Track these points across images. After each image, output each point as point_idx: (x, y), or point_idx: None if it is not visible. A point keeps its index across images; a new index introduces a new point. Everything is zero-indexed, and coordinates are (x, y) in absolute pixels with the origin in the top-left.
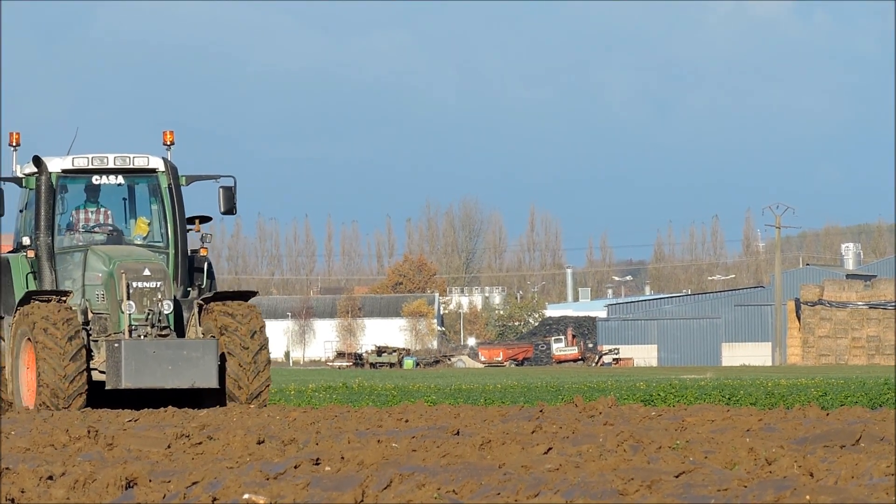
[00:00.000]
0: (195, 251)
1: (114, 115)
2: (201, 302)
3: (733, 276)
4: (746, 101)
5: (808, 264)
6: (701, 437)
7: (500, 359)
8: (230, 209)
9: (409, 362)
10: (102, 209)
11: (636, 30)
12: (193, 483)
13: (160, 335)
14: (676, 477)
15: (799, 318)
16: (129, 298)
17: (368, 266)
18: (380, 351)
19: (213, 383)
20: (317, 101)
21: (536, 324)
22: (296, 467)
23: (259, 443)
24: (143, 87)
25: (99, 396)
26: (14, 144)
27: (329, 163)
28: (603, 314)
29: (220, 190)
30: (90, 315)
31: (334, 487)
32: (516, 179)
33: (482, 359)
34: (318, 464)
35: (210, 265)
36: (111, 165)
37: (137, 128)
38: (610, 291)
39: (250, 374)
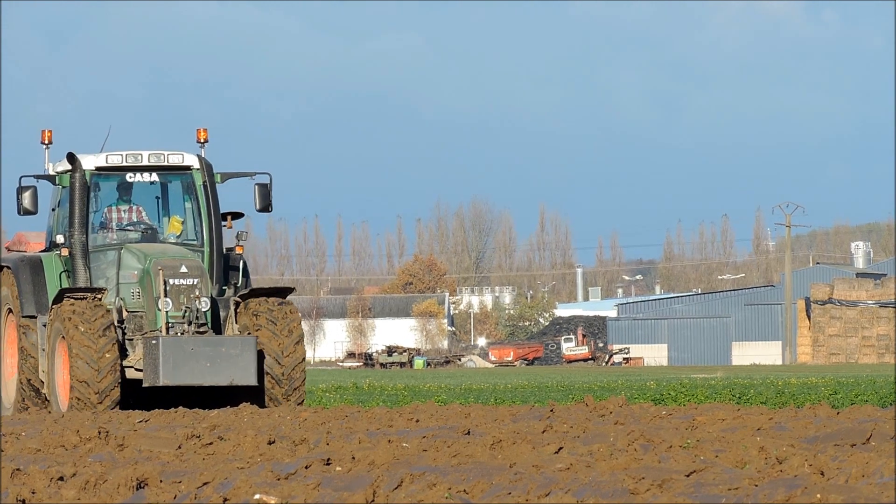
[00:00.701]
0: (230, 249)
1: (123, 117)
2: (238, 299)
3: (743, 275)
4: (756, 100)
5: (818, 263)
6: (711, 436)
7: (510, 358)
8: (266, 206)
9: (419, 362)
10: (136, 207)
11: (645, 29)
12: (204, 483)
13: (198, 332)
14: (687, 476)
15: (809, 317)
16: (166, 295)
17: (379, 266)
18: (390, 351)
19: (251, 381)
20: (327, 102)
21: (547, 323)
22: (307, 467)
23: (270, 443)
24: (151, 88)
25: (132, 395)
26: (46, 142)
27: (339, 163)
28: (613, 313)
29: (256, 187)
30: (125, 313)
31: (345, 487)
32: (526, 179)
33: (492, 358)
34: (328, 464)
35: (245, 263)
36: (145, 163)
37: (145, 127)
38: (620, 291)
39: (288, 372)
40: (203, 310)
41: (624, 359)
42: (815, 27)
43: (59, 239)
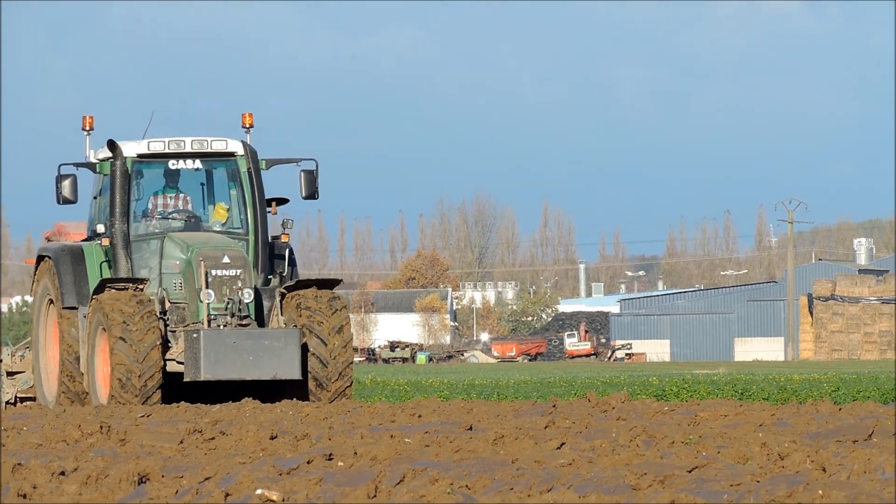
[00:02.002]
0: (276, 238)
1: (125, 108)
2: (283, 291)
3: (746, 271)
4: (759, 96)
5: (820, 259)
6: (714, 432)
7: (512, 354)
8: (312, 194)
9: (421, 357)
10: (180, 195)
11: (648, 26)
12: (206, 478)
13: (241, 325)
14: (689, 472)
15: (811, 313)
16: (207, 287)
17: (381, 261)
18: (392, 346)
19: (295, 375)
20: (329, 97)
21: (549, 319)
22: (309, 462)
23: (272, 438)
24: (155, 80)
25: (174, 389)
26: (87, 128)
27: (342, 158)
28: (616, 309)
29: (302, 174)
30: (167, 304)
31: (347, 483)
32: (529, 175)
33: (495, 354)
34: (330, 459)
35: (292, 252)
36: (188, 149)
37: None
38: (623, 287)
39: (334, 366)
40: (246, 301)
41: (626, 354)
42: (817, 24)
43: (101, 228)
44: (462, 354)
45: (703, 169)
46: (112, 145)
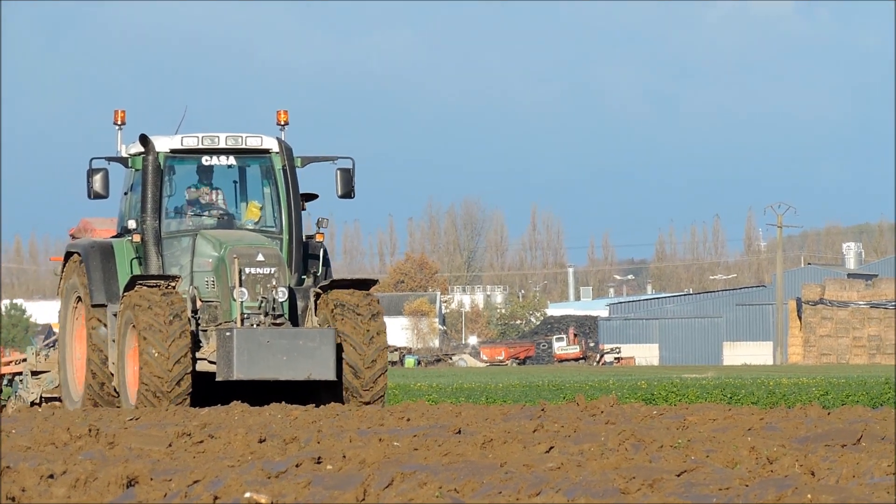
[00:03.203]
0: (310, 237)
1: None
2: (318, 290)
3: (735, 275)
4: (748, 99)
5: (809, 264)
6: (702, 436)
7: (501, 358)
8: (348, 192)
9: (410, 361)
10: (213, 191)
11: (638, 29)
12: (195, 482)
13: (274, 324)
14: (678, 476)
15: (800, 318)
16: (241, 285)
17: (370, 265)
18: None
19: (330, 376)
20: (318, 99)
21: (538, 323)
22: (297, 466)
23: (260, 441)
24: (145, 81)
25: (205, 389)
26: (119, 123)
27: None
28: (604, 313)
29: (338, 172)
30: (199, 303)
31: (336, 486)
32: (518, 178)
33: (484, 357)
34: (319, 462)
35: (326, 251)
36: (222, 145)
37: (142, 120)
38: (611, 290)
39: (368, 368)
40: (280, 300)
41: (615, 358)
42: (808, 27)
43: (131, 224)
44: (451, 358)
45: (693, 172)
46: (144, 140)
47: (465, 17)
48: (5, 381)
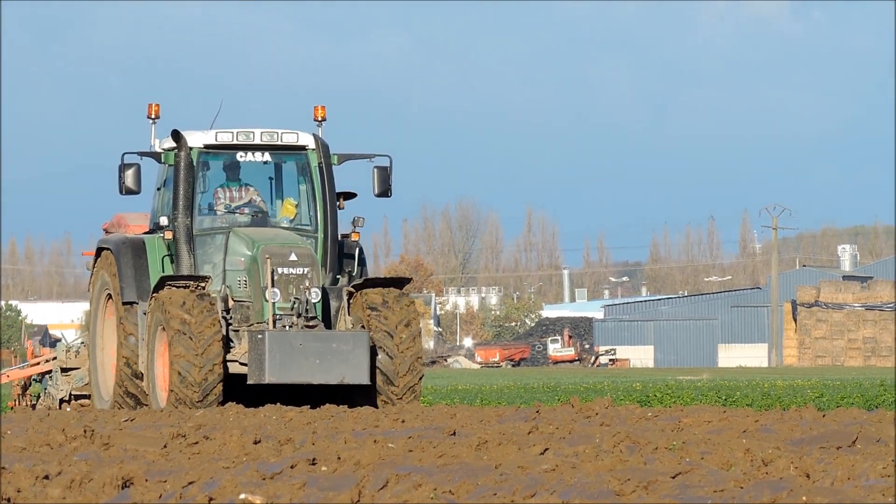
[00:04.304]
0: (346, 236)
1: (111, 113)
2: (351, 289)
3: (730, 277)
4: (743, 101)
5: (804, 266)
6: (697, 438)
7: (496, 359)
8: (385, 191)
9: None
10: (247, 188)
11: (633, 30)
12: (190, 483)
13: (307, 326)
14: (673, 478)
15: (795, 320)
16: (273, 285)
17: None
18: None
19: (364, 380)
20: (314, 100)
21: (533, 324)
22: (292, 467)
23: (255, 443)
24: (140, 85)
25: (236, 391)
26: (153, 117)
27: None
28: (599, 315)
29: (375, 170)
30: (230, 303)
31: (331, 487)
32: (513, 180)
33: (479, 359)
34: (314, 464)
35: (362, 251)
36: (257, 141)
37: (136, 124)
38: (606, 292)
39: (401, 360)
40: (313, 301)
41: (610, 360)
42: (803, 28)
43: (163, 221)
44: (445, 360)
45: (688, 174)
46: (177, 135)
47: (460, 19)
48: (35, 379)
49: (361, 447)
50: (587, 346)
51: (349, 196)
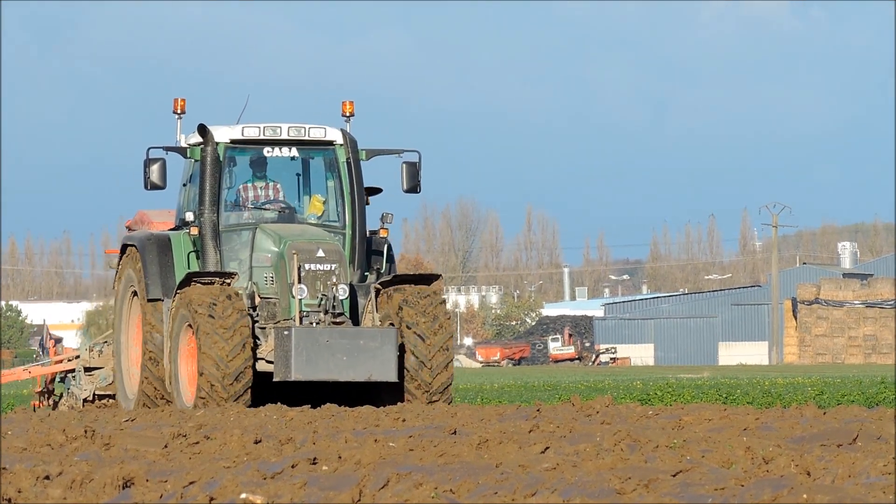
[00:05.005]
0: (374, 232)
1: (113, 113)
2: (378, 286)
3: (730, 275)
4: (743, 99)
5: (804, 263)
6: (698, 436)
7: (496, 358)
8: (414, 187)
9: None
10: (273, 184)
11: (633, 29)
12: (191, 483)
13: (334, 322)
14: (674, 476)
15: (795, 317)
16: (300, 282)
17: None
18: None
19: (391, 377)
20: (313, 100)
21: (533, 323)
22: (293, 467)
23: (256, 442)
24: (141, 86)
25: (263, 389)
26: (179, 111)
27: None
28: (600, 313)
29: (403, 166)
30: (257, 299)
31: (332, 487)
32: (513, 179)
33: (479, 358)
34: (315, 463)
35: (390, 247)
36: (284, 136)
37: (137, 126)
38: (607, 290)
39: (432, 368)
40: (341, 298)
41: (611, 358)
42: (802, 26)
43: (189, 217)
44: None
45: (687, 172)
46: (203, 130)
47: (459, 18)
48: (58, 378)
49: (362, 446)
50: (588, 345)
51: (374, 191)
